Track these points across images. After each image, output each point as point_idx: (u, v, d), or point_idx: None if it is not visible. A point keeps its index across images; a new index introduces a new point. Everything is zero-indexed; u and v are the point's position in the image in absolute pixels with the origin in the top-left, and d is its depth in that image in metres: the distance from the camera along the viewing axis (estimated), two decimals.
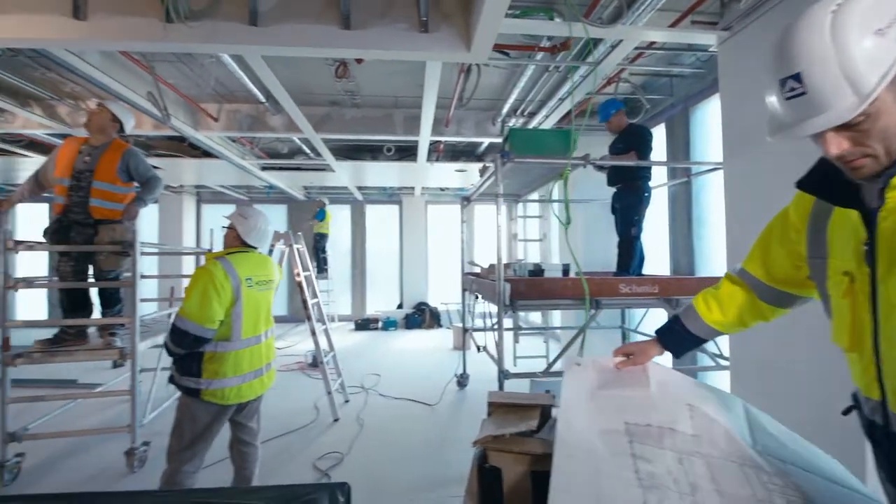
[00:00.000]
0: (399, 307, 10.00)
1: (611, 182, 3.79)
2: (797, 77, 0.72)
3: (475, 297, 4.52)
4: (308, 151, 6.23)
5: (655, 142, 3.75)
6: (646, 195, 3.60)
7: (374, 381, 5.25)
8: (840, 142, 0.74)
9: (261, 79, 3.49)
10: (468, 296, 5.15)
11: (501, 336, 2.93)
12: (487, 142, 5.92)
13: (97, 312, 3.39)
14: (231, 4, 2.59)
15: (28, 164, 6.21)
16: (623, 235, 3.70)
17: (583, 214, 5.16)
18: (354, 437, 3.64)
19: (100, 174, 3.11)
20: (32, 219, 8.52)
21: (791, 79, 0.73)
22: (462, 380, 5.01)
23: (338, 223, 10.09)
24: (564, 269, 3.34)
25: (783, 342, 2.27)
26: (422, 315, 9.46)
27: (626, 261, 3.63)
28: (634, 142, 3.49)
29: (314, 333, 4.23)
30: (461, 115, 5.17)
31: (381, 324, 9.18)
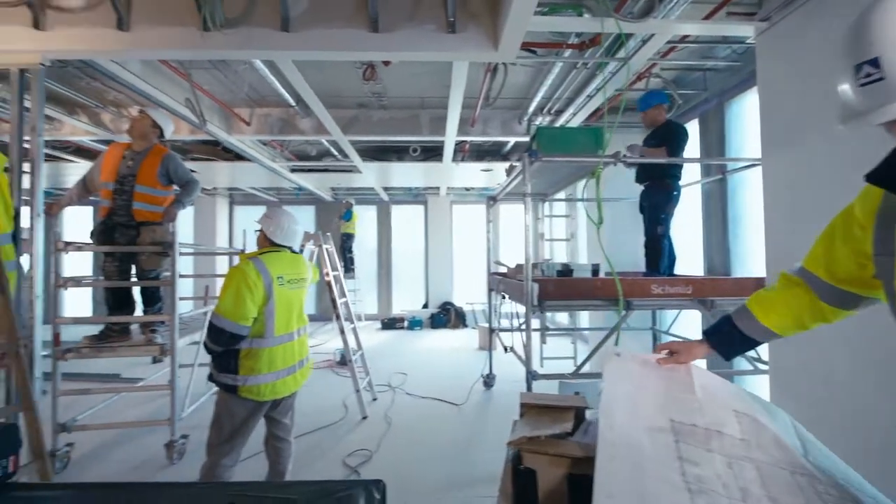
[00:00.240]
0: (424, 307, 10.06)
1: (639, 179, 3.70)
2: (874, 62, 0.69)
3: (502, 298, 4.49)
4: (336, 153, 6.34)
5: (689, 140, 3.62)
6: (675, 194, 3.50)
7: (401, 380, 5.30)
8: None
9: (291, 83, 3.58)
10: (494, 296, 5.13)
11: (529, 337, 2.91)
12: (513, 141, 5.88)
13: (139, 310, 3.55)
14: (264, 11, 2.67)
15: (74, 170, 6.55)
16: (650, 234, 3.61)
17: (610, 213, 5.02)
18: (382, 435, 3.69)
19: (141, 178, 3.25)
20: (78, 221, 8.99)
21: (867, 64, 0.70)
22: (488, 380, 4.99)
23: (364, 224, 10.23)
24: (594, 270, 3.28)
25: (824, 348, 2.18)
26: (447, 315, 9.48)
27: (655, 260, 3.54)
28: (668, 138, 3.39)
29: (343, 332, 4.31)
30: (487, 115, 5.15)
31: (407, 323, 9.25)
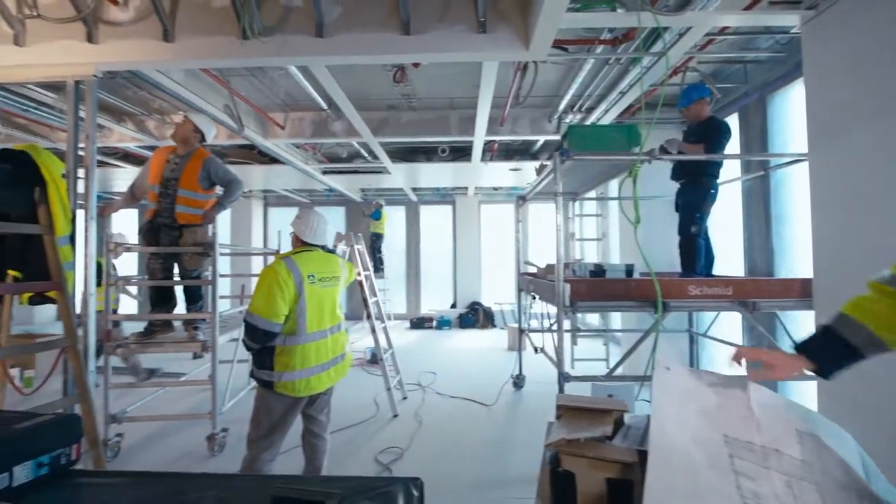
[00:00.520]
0: (453, 306, 10.09)
1: (675, 176, 3.58)
2: None
3: (532, 298, 4.45)
4: (365, 155, 6.44)
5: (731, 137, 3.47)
6: (712, 192, 3.37)
7: (431, 380, 5.33)
8: None
9: (324, 87, 3.66)
10: (524, 296, 5.09)
11: (561, 338, 2.87)
12: (542, 140, 5.82)
13: (181, 305, 3.71)
14: (299, 18, 2.74)
15: (122, 174, 6.91)
16: (684, 234, 3.49)
17: (644, 212, 4.91)
18: (413, 434, 3.73)
19: (183, 182, 3.40)
20: (124, 223, 9.47)
21: None
22: (518, 381, 4.96)
23: (393, 224, 10.35)
24: (628, 270, 3.21)
25: None
26: (475, 315, 9.47)
27: (691, 261, 3.43)
28: (708, 135, 3.26)
29: (374, 331, 4.37)
30: (516, 114, 5.12)
31: (436, 323, 9.30)
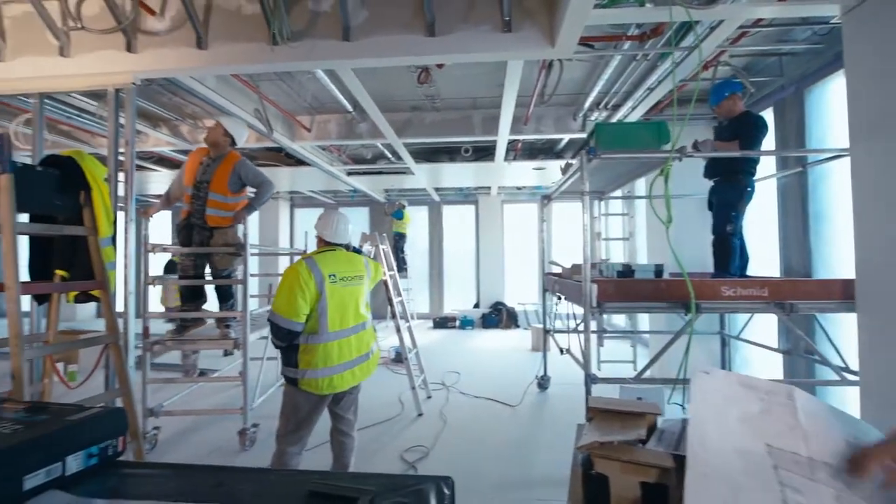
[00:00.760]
0: (476, 306, 10.07)
1: (708, 174, 3.48)
2: None
3: (557, 298, 4.41)
4: (389, 156, 6.50)
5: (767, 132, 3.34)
6: (748, 190, 3.25)
7: (455, 379, 5.34)
8: None
9: (350, 90, 3.71)
10: (549, 296, 5.04)
11: (588, 339, 2.84)
12: (567, 138, 5.76)
13: (211, 304, 3.84)
14: (326, 23, 2.79)
15: (157, 178, 7.18)
16: (718, 233, 3.39)
17: (674, 211, 4.81)
18: (438, 433, 3.74)
19: (214, 186, 3.49)
20: (155, 224, 9.83)
21: None
22: (543, 382, 4.92)
23: (415, 224, 10.41)
24: (657, 270, 3.13)
25: None
26: (499, 315, 9.44)
27: (725, 261, 3.32)
28: (743, 131, 3.15)
29: (399, 330, 4.41)
30: (540, 112, 5.08)
31: (459, 322, 9.31)
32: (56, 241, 2.35)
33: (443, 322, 9.36)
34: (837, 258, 3.41)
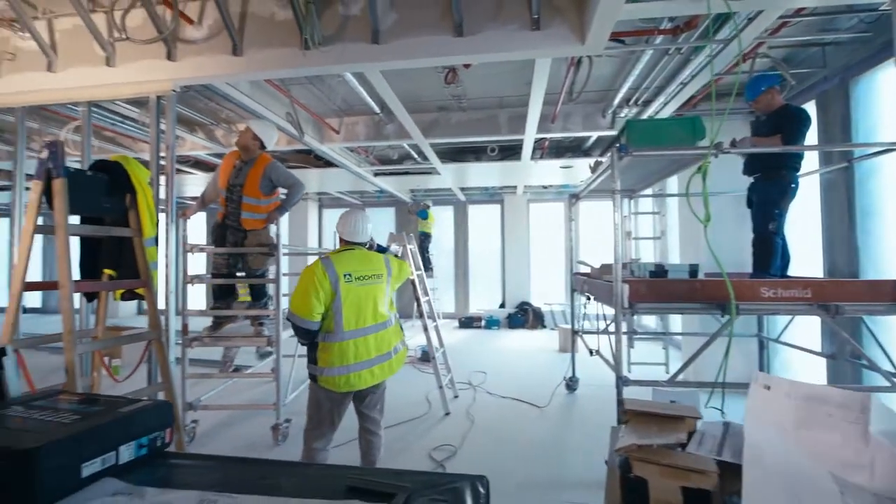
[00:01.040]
0: (501, 306, 10.02)
1: (748, 170, 3.35)
2: None
3: (587, 299, 4.34)
4: (415, 156, 6.54)
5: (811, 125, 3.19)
6: (792, 187, 3.11)
7: (481, 379, 5.33)
8: None
9: (378, 92, 3.75)
10: (577, 296, 4.97)
11: (619, 340, 2.78)
12: (595, 135, 5.66)
13: (238, 301, 3.96)
14: (356, 27, 2.84)
15: (192, 180, 7.45)
16: (760, 232, 3.26)
17: (710, 209, 4.67)
18: (466, 433, 3.75)
19: (247, 189, 3.57)
20: (191, 225, 10.19)
21: None
22: (571, 383, 4.85)
23: (441, 224, 10.43)
24: (692, 270, 3.04)
25: None
26: (525, 315, 9.36)
27: (766, 261, 3.19)
28: (785, 125, 3.02)
29: (426, 329, 4.44)
30: (568, 110, 5.01)
31: (484, 322, 9.28)
32: (104, 242, 2.48)
33: (468, 322, 9.35)
34: (888, 257, 3.23)
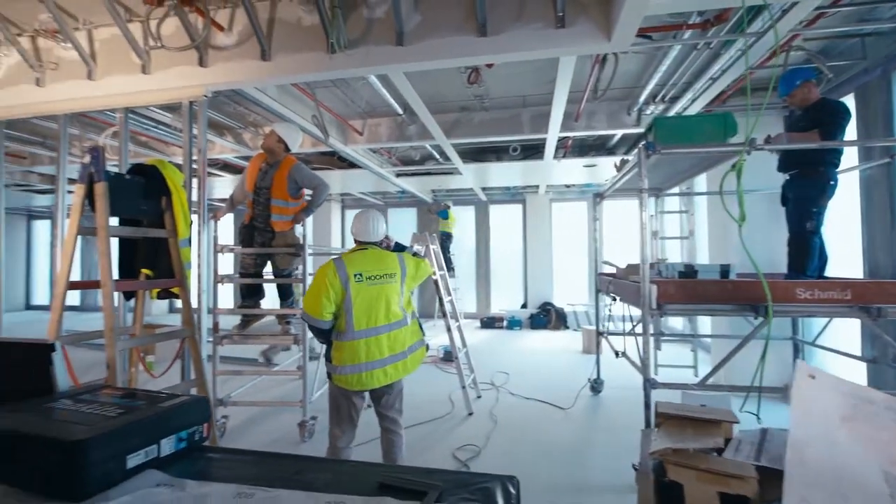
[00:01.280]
0: (523, 307, 9.95)
1: (783, 167, 3.23)
2: None
3: (612, 299, 4.27)
4: (437, 156, 6.56)
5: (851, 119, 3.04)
6: (831, 184, 2.98)
7: (504, 380, 5.31)
8: None
9: (401, 93, 3.77)
10: (601, 297, 4.90)
11: (647, 342, 2.73)
12: (620, 133, 5.57)
13: (268, 301, 4.04)
14: (380, 29, 2.87)
15: (220, 183, 7.66)
16: (796, 231, 3.14)
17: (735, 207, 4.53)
18: (489, 433, 3.74)
19: (275, 192, 3.65)
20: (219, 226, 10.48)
21: None
22: (596, 385, 4.78)
23: (462, 224, 10.43)
24: (723, 271, 2.96)
25: None
26: (547, 315, 9.27)
27: (803, 261, 3.08)
28: (823, 118, 2.90)
29: (449, 330, 4.45)
30: (592, 108, 4.94)
31: (506, 323, 9.23)
32: (140, 243, 2.58)
33: (490, 322, 9.33)
34: None
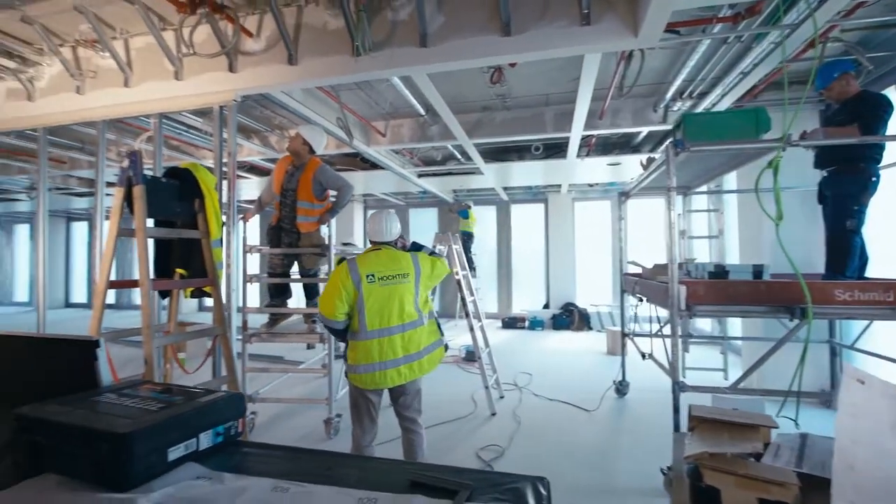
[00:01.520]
0: (545, 307, 9.86)
1: (819, 163, 3.10)
2: None
3: (638, 300, 4.20)
4: (459, 156, 6.57)
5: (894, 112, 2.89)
6: (873, 180, 2.84)
7: (527, 380, 5.28)
8: None
9: (424, 94, 3.79)
10: (627, 298, 4.82)
11: (676, 344, 2.67)
12: (645, 131, 5.46)
13: (295, 300, 4.12)
14: (404, 31, 2.90)
15: (247, 185, 7.85)
16: (835, 230, 3.01)
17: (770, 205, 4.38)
18: (513, 433, 3.73)
19: (301, 194, 3.72)
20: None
21: None
22: (621, 387, 4.71)
23: (484, 224, 10.40)
24: (756, 271, 2.87)
25: None
26: (570, 316, 9.16)
27: (842, 261, 2.96)
28: (863, 112, 2.77)
29: (472, 329, 4.45)
30: (617, 105, 4.86)
31: (528, 323, 9.17)
32: (174, 243, 2.67)
33: (512, 322, 9.28)
34: None
